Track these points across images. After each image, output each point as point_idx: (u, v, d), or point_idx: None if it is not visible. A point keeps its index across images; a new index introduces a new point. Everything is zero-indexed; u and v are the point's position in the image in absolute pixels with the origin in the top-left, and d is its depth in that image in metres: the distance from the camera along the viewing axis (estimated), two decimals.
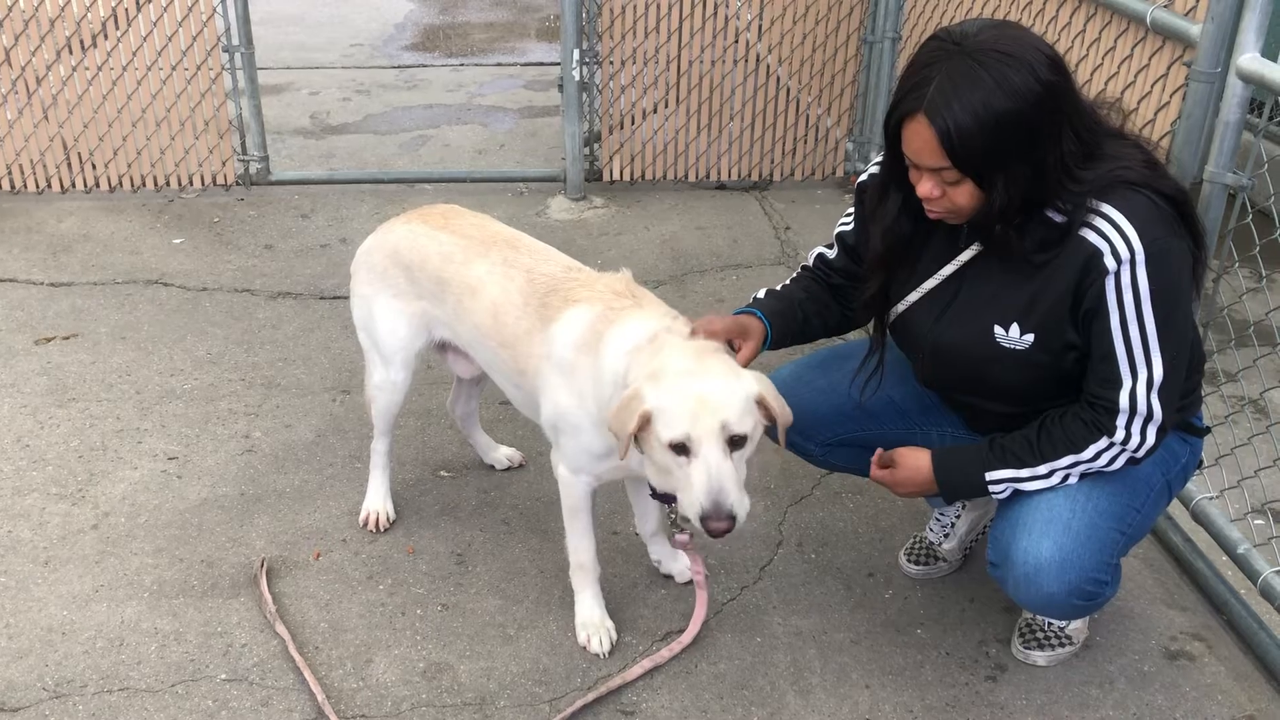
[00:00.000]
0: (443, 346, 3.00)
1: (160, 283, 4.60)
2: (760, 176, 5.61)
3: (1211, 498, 3.02)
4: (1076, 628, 2.74)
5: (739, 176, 5.61)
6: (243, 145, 5.41)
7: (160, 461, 3.47)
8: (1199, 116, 2.84)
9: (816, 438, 2.78)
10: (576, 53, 5.18)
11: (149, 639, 2.80)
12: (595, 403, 2.48)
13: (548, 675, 2.70)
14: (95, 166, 5.30)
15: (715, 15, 5.23)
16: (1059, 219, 2.22)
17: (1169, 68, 3.10)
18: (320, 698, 2.59)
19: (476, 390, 3.33)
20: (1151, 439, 2.30)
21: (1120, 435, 2.29)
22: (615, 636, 2.78)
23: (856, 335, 2.84)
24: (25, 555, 3.07)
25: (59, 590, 2.95)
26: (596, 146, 5.52)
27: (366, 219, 5.12)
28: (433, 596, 2.94)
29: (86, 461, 3.46)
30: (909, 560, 3.03)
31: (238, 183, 5.44)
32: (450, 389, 3.35)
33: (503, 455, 3.44)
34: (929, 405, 2.73)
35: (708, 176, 5.60)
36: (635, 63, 5.30)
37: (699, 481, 2.23)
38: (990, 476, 2.40)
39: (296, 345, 4.15)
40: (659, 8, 5.19)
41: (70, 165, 5.29)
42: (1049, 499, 2.38)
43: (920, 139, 2.16)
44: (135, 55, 5.09)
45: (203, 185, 5.41)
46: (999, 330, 2.35)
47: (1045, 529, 2.36)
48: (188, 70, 5.15)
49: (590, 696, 2.60)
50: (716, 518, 2.21)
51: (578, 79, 5.25)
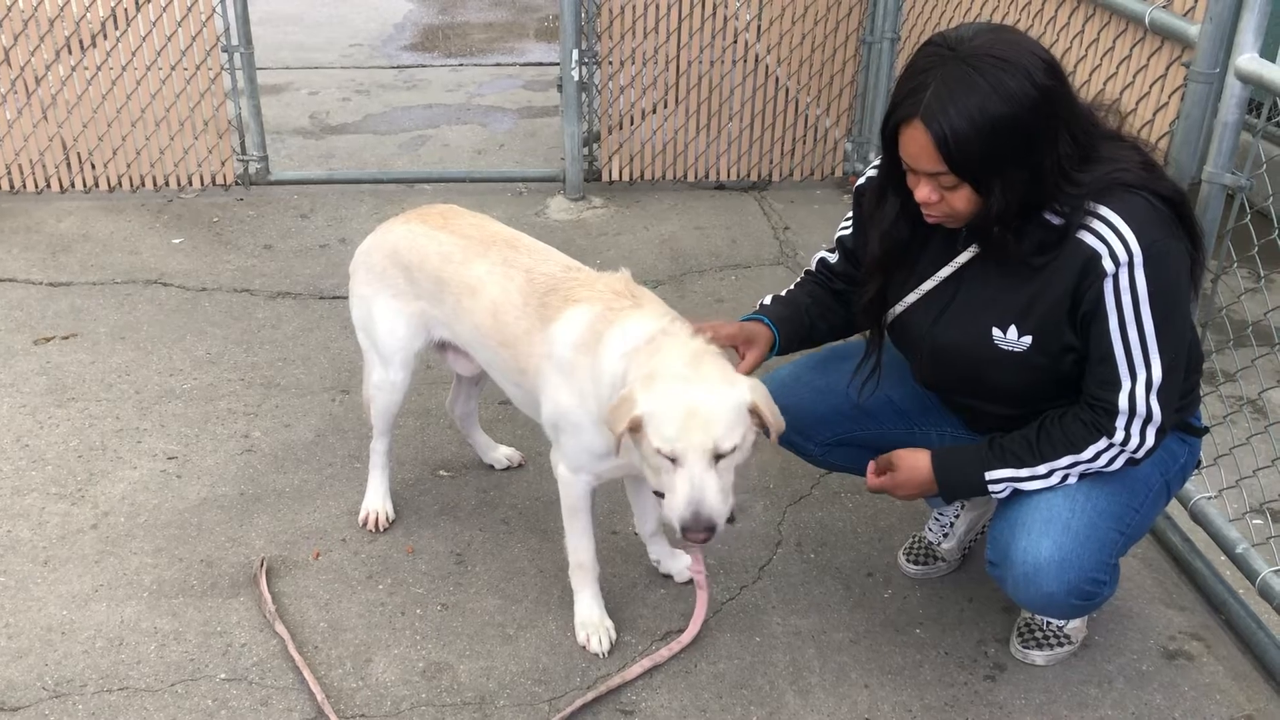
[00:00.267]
0: (442, 345, 3.00)
1: (159, 282, 4.60)
2: (759, 177, 5.61)
3: (1210, 497, 3.02)
4: (1075, 627, 2.75)
5: (738, 177, 5.60)
6: (242, 145, 5.41)
7: (160, 461, 3.47)
8: (1197, 117, 2.84)
9: (816, 438, 2.78)
10: (575, 53, 5.18)
11: (148, 638, 2.80)
12: (595, 402, 2.49)
13: (547, 675, 2.70)
14: (94, 166, 5.30)
15: (714, 15, 5.22)
16: (1057, 222, 2.23)
17: (1167, 68, 3.10)
18: (320, 697, 2.59)
19: (476, 390, 3.33)
20: (1151, 440, 2.31)
21: (1120, 436, 2.30)
22: (614, 636, 2.79)
23: (858, 336, 2.84)
24: (25, 555, 3.07)
25: (58, 590, 2.95)
26: (595, 146, 5.52)
27: (366, 219, 5.12)
28: (432, 596, 2.95)
29: (86, 461, 3.46)
30: (908, 560, 3.03)
31: (237, 183, 5.44)
32: (449, 389, 3.36)
33: (502, 455, 3.44)
34: (928, 406, 2.73)
35: (707, 177, 5.59)
36: (634, 63, 5.29)
37: (681, 492, 2.25)
38: (990, 476, 2.41)
39: (296, 345, 4.15)
40: (658, 8, 5.19)
41: (69, 165, 5.28)
42: (1048, 499, 2.38)
43: (917, 144, 2.16)
44: (134, 55, 5.08)
45: (202, 185, 5.40)
46: (997, 332, 2.36)
47: (1045, 529, 2.36)
48: (187, 70, 5.14)
49: (590, 696, 2.60)
50: (695, 529, 2.25)
51: (577, 79, 5.25)
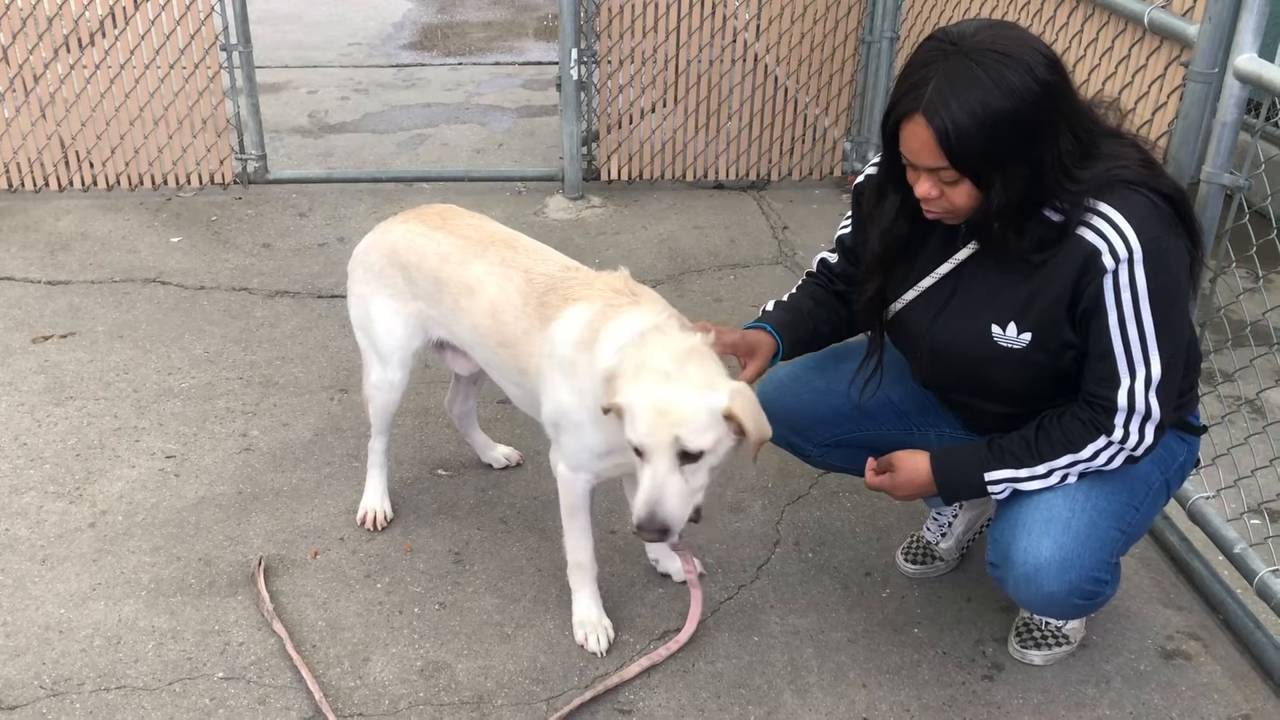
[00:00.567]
0: (441, 345, 2.99)
1: (158, 281, 4.60)
2: (758, 176, 5.61)
3: (1208, 497, 3.02)
4: (1073, 627, 2.74)
5: (737, 176, 5.60)
6: (240, 144, 5.41)
7: (158, 460, 3.47)
8: (1196, 117, 2.84)
9: (815, 438, 2.78)
10: (574, 52, 5.18)
11: (146, 637, 2.79)
12: (595, 400, 2.48)
13: (545, 674, 2.70)
14: (93, 165, 5.30)
15: (713, 15, 5.22)
16: (1057, 218, 2.23)
17: (1166, 68, 3.10)
18: (318, 696, 2.59)
19: (474, 389, 3.33)
20: (1150, 437, 2.30)
21: (1119, 434, 2.30)
22: (613, 635, 2.78)
23: (859, 336, 2.84)
24: (22, 553, 3.07)
25: (56, 588, 2.95)
26: (594, 146, 5.52)
27: (364, 218, 5.11)
28: (430, 595, 2.94)
29: (84, 460, 3.46)
30: (906, 559, 3.03)
31: (235, 181, 5.44)
32: (448, 388, 3.35)
33: (500, 454, 3.44)
34: (927, 406, 2.73)
35: (705, 176, 5.59)
36: (633, 62, 5.29)
37: (642, 490, 2.28)
38: (989, 477, 2.40)
39: (294, 344, 4.15)
40: (657, 7, 5.19)
41: (68, 163, 5.28)
42: (1048, 499, 2.38)
43: (918, 139, 2.16)
44: (133, 53, 5.08)
45: (200, 184, 5.40)
46: (996, 329, 2.35)
47: (1045, 529, 2.36)
48: (185, 69, 5.14)
49: (588, 695, 2.60)
50: (647, 529, 2.28)
51: (576, 78, 5.24)
